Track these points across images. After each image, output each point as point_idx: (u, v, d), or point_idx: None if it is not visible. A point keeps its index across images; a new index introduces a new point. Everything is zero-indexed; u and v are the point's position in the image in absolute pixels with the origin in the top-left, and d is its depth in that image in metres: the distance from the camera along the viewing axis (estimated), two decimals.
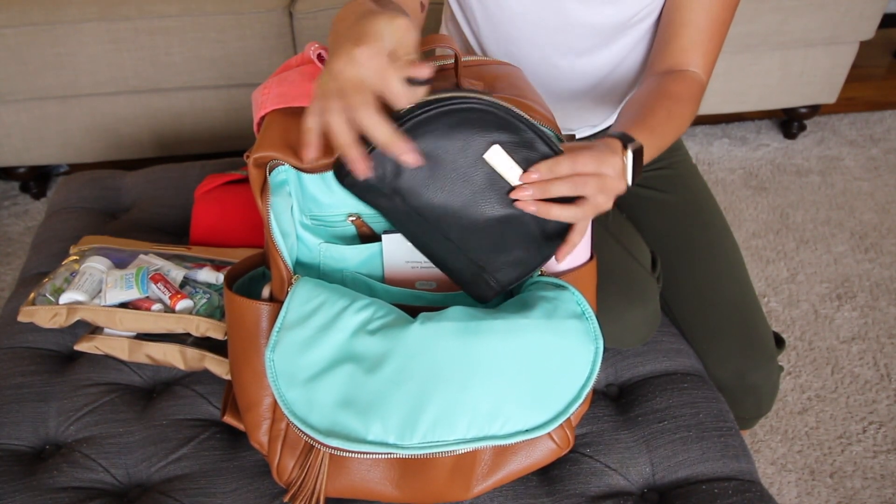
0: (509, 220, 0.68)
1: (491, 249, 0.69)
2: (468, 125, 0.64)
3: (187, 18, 1.65)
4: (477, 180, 0.66)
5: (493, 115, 0.64)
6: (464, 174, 0.65)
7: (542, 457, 0.76)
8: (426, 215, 0.66)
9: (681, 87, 0.87)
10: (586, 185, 0.66)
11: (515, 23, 0.95)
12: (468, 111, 0.63)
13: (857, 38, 1.92)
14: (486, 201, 0.67)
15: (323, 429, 0.65)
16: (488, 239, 0.68)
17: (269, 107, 0.72)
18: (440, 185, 0.65)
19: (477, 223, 0.67)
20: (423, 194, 0.65)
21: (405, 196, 0.65)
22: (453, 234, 0.67)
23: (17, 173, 1.90)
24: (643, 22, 0.95)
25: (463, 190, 0.66)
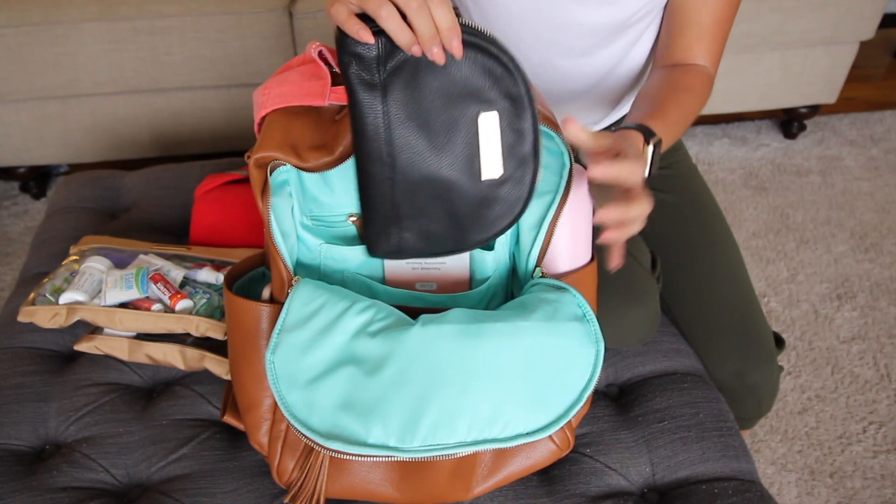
0: (450, 188, 0.64)
1: (416, 204, 0.64)
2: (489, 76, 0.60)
3: (187, 18, 1.65)
4: (458, 130, 0.62)
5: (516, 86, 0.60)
6: (451, 115, 0.61)
7: (543, 458, 0.76)
8: (392, 129, 0.61)
9: (691, 79, 0.89)
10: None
11: (512, 24, 0.95)
12: (500, 63, 0.59)
13: (857, 38, 1.92)
14: (448, 155, 0.62)
15: (323, 431, 0.65)
16: (422, 192, 0.64)
17: (270, 107, 0.72)
18: (424, 108, 0.60)
19: (425, 170, 0.63)
20: (405, 104, 0.60)
21: (388, 94, 0.60)
22: (399, 164, 0.62)
23: (17, 173, 1.90)
24: (642, 21, 0.95)
25: (438, 130, 0.61)
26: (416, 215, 0.65)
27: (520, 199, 0.67)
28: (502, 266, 0.79)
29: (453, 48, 0.58)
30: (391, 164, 0.62)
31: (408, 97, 0.60)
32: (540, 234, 0.73)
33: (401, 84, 0.60)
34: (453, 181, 0.64)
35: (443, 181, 0.63)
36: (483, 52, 0.59)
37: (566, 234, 0.74)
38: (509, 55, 0.60)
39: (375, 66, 0.59)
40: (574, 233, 0.75)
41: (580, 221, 0.75)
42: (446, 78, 0.60)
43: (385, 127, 0.61)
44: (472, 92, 0.60)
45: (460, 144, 0.62)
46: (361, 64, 0.59)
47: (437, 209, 0.65)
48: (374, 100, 0.60)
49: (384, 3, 0.56)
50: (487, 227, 0.67)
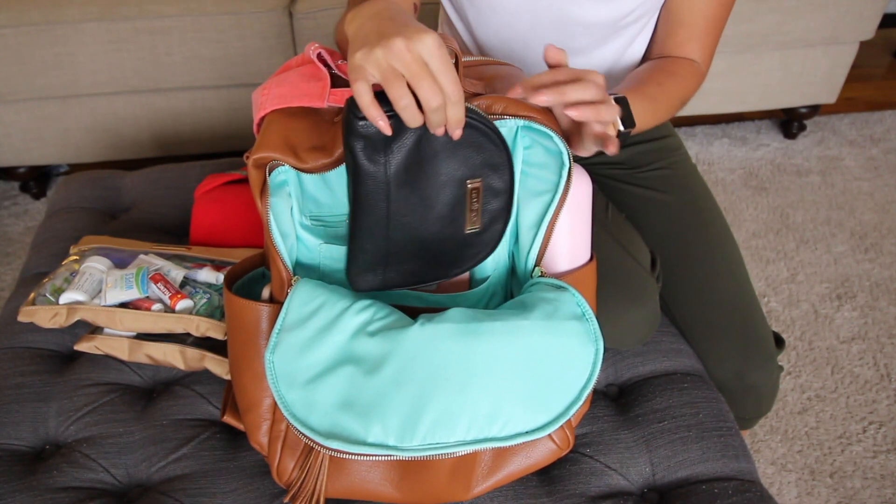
0: (438, 242, 0.69)
1: (407, 254, 0.70)
2: (475, 147, 0.65)
3: (187, 18, 1.65)
4: (446, 192, 0.67)
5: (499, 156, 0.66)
6: (445, 183, 0.66)
7: (542, 457, 0.76)
8: (391, 195, 0.65)
9: (675, 65, 0.90)
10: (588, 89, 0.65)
11: (510, 23, 0.96)
12: (481, 132, 0.65)
13: (857, 38, 1.91)
14: (438, 215, 0.68)
15: (323, 431, 0.65)
16: (411, 247, 0.69)
17: (269, 107, 0.72)
18: (423, 176, 0.65)
19: (418, 228, 0.68)
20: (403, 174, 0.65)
21: (393, 166, 0.64)
22: (394, 224, 0.67)
23: (17, 173, 1.90)
24: (638, 21, 0.95)
25: (432, 192, 0.66)
26: (403, 262, 0.70)
27: (493, 240, 0.72)
28: (501, 265, 0.79)
29: (454, 135, 0.62)
30: (387, 223, 0.67)
31: (407, 165, 0.64)
32: (539, 234, 0.73)
33: (402, 157, 0.64)
34: (440, 235, 0.69)
35: (431, 235, 0.69)
36: (474, 129, 0.64)
37: (565, 234, 0.74)
38: (498, 134, 0.65)
39: (382, 146, 0.63)
40: (573, 232, 0.75)
41: (579, 221, 0.75)
42: (441, 150, 0.65)
43: (385, 193, 0.65)
44: (461, 160, 0.65)
45: (447, 204, 0.67)
46: (369, 143, 0.63)
47: (422, 256, 0.70)
48: (377, 171, 0.64)
49: (405, 93, 0.58)
50: (464, 262, 0.73)
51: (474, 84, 0.72)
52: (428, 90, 0.57)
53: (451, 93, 0.58)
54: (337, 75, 0.74)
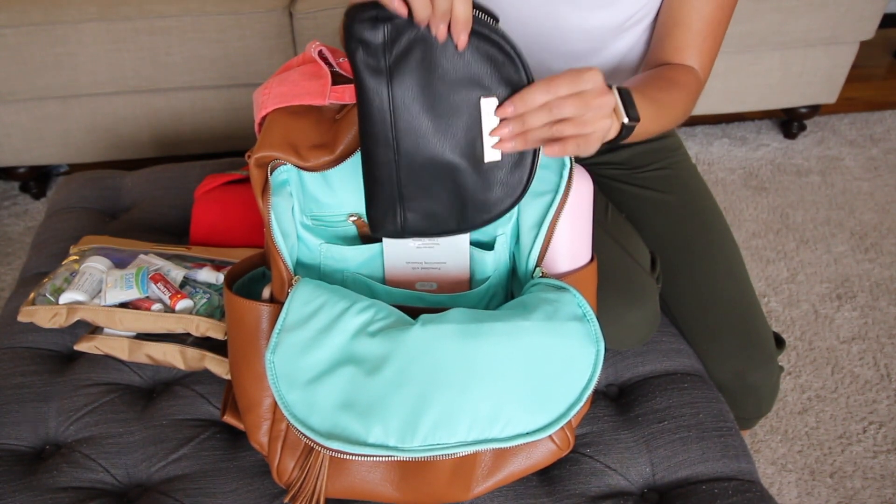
0: (453, 171, 0.65)
1: (420, 185, 0.66)
2: (488, 60, 0.62)
3: (187, 18, 1.65)
4: (460, 114, 0.63)
5: (517, 73, 0.62)
6: (455, 102, 0.63)
7: (543, 458, 0.76)
8: (396, 113, 0.62)
9: (676, 73, 0.87)
10: (564, 107, 0.62)
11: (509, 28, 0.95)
12: (497, 46, 0.61)
13: (857, 38, 1.91)
14: (451, 138, 0.64)
15: (323, 431, 0.65)
16: (426, 174, 0.65)
17: (271, 106, 0.72)
18: (429, 95, 0.62)
19: (429, 153, 0.64)
20: (411, 90, 0.62)
21: (394, 79, 0.61)
22: (403, 147, 0.64)
23: (17, 173, 1.90)
24: (638, 25, 0.95)
25: (442, 113, 0.63)
26: (420, 196, 0.66)
27: (521, 181, 0.67)
28: (502, 266, 0.79)
29: (459, 40, 0.59)
30: (395, 147, 0.63)
31: (412, 82, 0.61)
32: (540, 234, 0.73)
33: (406, 70, 0.61)
34: (455, 164, 0.65)
35: (445, 164, 0.65)
36: (486, 40, 0.60)
37: (566, 234, 0.74)
38: (511, 43, 0.61)
39: (381, 51, 0.60)
40: (574, 232, 0.75)
41: (580, 221, 0.75)
42: (449, 64, 0.61)
43: (390, 111, 0.62)
44: (473, 78, 0.62)
45: (462, 128, 0.63)
46: (368, 50, 0.60)
47: (439, 190, 0.66)
48: (380, 85, 0.61)
49: None
50: (489, 208, 0.68)
51: None
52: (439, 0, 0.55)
53: (459, 13, 0.56)
54: (338, 73, 0.74)
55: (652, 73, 0.86)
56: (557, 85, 0.62)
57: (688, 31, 0.90)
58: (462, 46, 0.60)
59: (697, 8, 0.89)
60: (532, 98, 0.62)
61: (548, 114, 0.62)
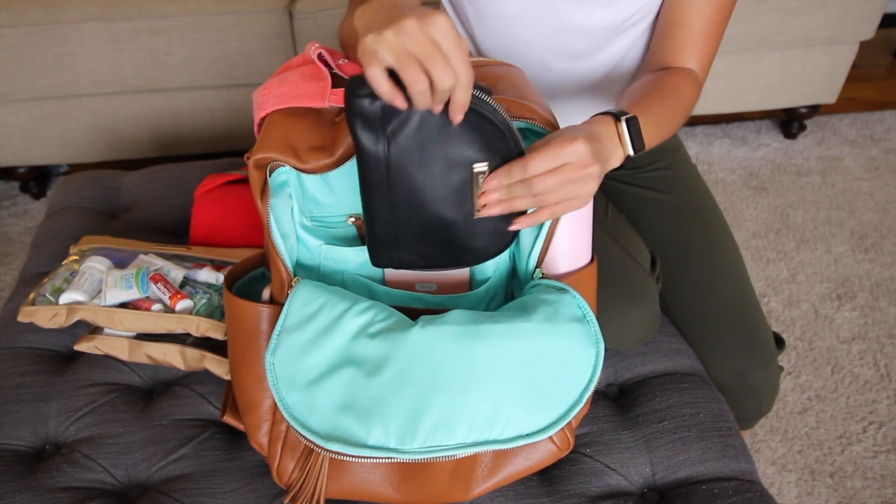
0: (445, 225, 0.69)
1: (416, 234, 0.69)
2: (481, 132, 0.65)
3: (187, 18, 1.65)
4: (453, 179, 0.66)
5: (506, 145, 0.66)
6: (449, 166, 0.66)
7: (543, 458, 0.76)
8: (393, 174, 0.65)
9: (675, 80, 0.87)
10: (543, 183, 0.65)
11: (509, 26, 0.95)
12: (490, 121, 0.64)
13: (857, 38, 1.91)
14: (445, 200, 0.67)
15: (323, 433, 0.65)
16: (419, 226, 0.69)
17: (270, 107, 0.72)
18: (424, 159, 0.65)
19: (422, 210, 0.67)
20: (407, 155, 0.65)
21: (391, 145, 0.64)
22: (398, 203, 0.67)
23: (17, 173, 1.90)
24: (639, 24, 0.95)
25: (437, 177, 0.66)
26: (414, 244, 0.70)
27: (505, 237, 0.71)
28: (502, 267, 0.79)
29: (455, 119, 0.62)
30: (391, 203, 0.67)
31: (409, 146, 0.64)
32: (540, 236, 0.73)
33: (403, 137, 0.64)
34: (448, 219, 0.68)
35: (438, 218, 0.68)
36: (479, 116, 0.64)
37: (566, 236, 0.74)
38: (502, 118, 0.65)
39: (380, 123, 0.63)
40: (574, 234, 0.75)
41: (580, 223, 0.75)
42: (445, 133, 0.64)
43: (386, 172, 0.65)
44: (467, 146, 0.65)
45: (454, 188, 0.67)
46: (367, 122, 0.63)
47: (433, 239, 0.70)
48: (377, 147, 0.64)
49: (422, 79, 0.57)
50: (478, 254, 0.72)
51: None
52: (441, 70, 0.56)
53: (463, 74, 0.57)
54: (338, 75, 0.74)
55: (650, 84, 0.85)
56: (535, 163, 0.64)
57: (688, 32, 0.90)
58: (456, 123, 0.63)
59: (698, 8, 0.89)
60: (512, 173, 0.65)
61: (526, 189, 0.65)
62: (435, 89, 0.58)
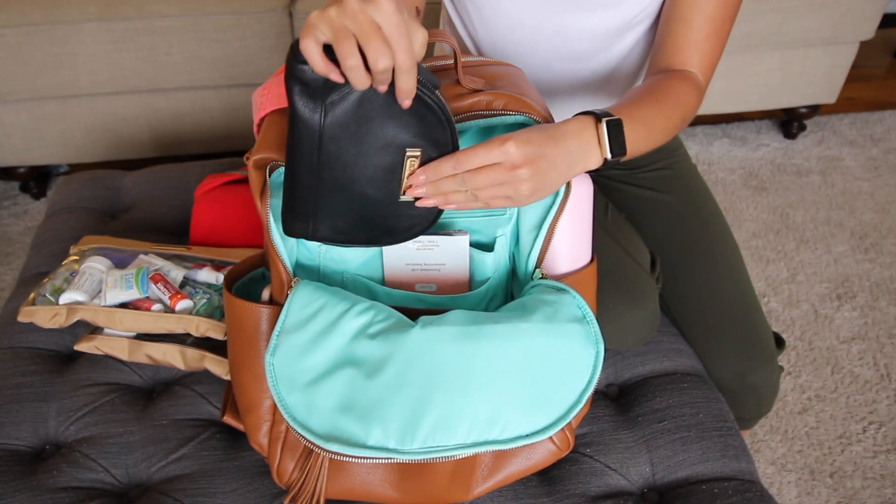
0: (370, 204, 0.68)
1: (336, 208, 0.68)
2: (421, 119, 0.64)
3: (187, 18, 1.65)
4: (384, 159, 0.66)
5: (444, 136, 0.65)
6: (382, 146, 0.65)
7: (543, 459, 0.76)
8: (325, 145, 0.65)
9: (673, 84, 0.85)
10: (474, 180, 0.65)
11: (512, 28, 0.95)
12: (429, 108, 0.63)
13: (857, 38, 1.91)
14: (372, 178, 0.66)
15: (323, 433, 0.65)
16: (345, 200, 0.68)
17: (269, 108, 0.72)
18: (359, 135, 0.64)
19: (348, 184, 0.67)
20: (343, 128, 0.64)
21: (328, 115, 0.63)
22: (323, 174, 0.66)
23: (17, 173, 1.90)
24: (640, 26, 0.95)
25: (369, 154, 0.65)
26: (333, 216, 0.68)
27: (427, 217, 0.70)
28: (502, 267, 0.79)
29: (404, 105, 0.61)
30: (318, 173, 0.66)
31: (345, 119, 0.63)
32: (540, 236, 0.73)
33: (341, 109, 0.63)
34: (371, 196, 0.67)
35: (361, 193, 0.67)
36: (423, 103, 0.63)
37: (566, 236, 0.74)
38: (444, 110, 0.64)
39: (320, 93, 0.62)
40: (574, 234, 0.75)
41: (580, 222, 0.75)
42: (384, 112, 0.64)
43: (318, 141, 0.64)
44: (403, 127, 0.64)
45: (383, 167, 0.66)
46: (306, 89, 0.62)
47: (353, 214, 0.68)
48: (313, 115, 0.63)
49: (352, 54, 0.56)
50: (397, 233, 0.71)
51: (475, 81, 0.72)
52: (375, 49, 0.56)
53: (402, 61, 0.57)
54: None
55: (646, 88, 0.84)
56: (466, 159, 0.65)
57: (689, 29, 0.88)
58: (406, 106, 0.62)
59: (699, 7, 0.87)
60: (441, 169, 0.65)
61: (458, 184, 0.65)
62: (372, 69, 0.57)
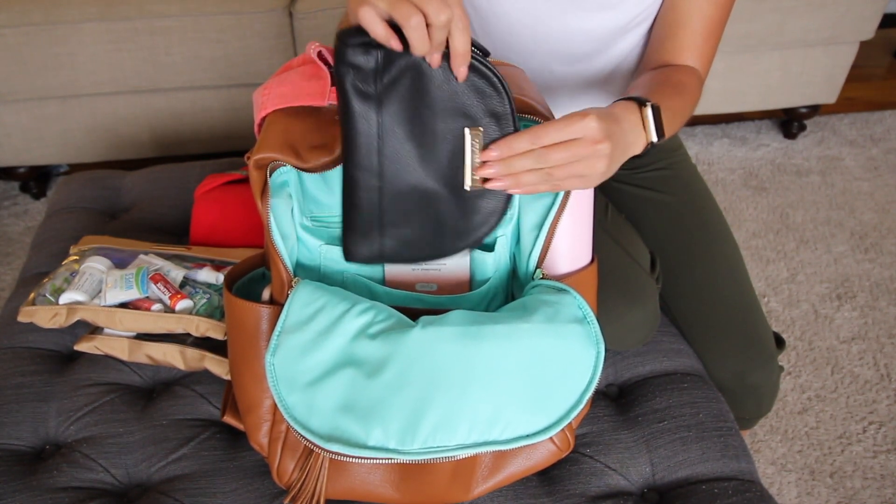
0: (434, 199, 0.65)
1: (401, 212, 0.65)
2: (479, 94, 0.62)
3: (187, 18, 1.65)
4: (444, 143, 0.63)
5: (502, 105, 0.62)
6: (442, 131, 0.62)
7: (543, 459, 0.76)
8: (383, 139, 0.62)
9: (683, 76, 0.86)
10: (550, 156, 0.63)
11: (512, 30, 0.95)
12: (485, 77, 0.61)
13: (857, 38, 1.91)
14: (434, 166, 0.64)
15: (323, 434, 0.65)
16: (408, 201, 0.65)
17: (270, 107, 0.72)
18: (415, 121, 0.62)
19: (412, 180, 0.64)
20: (397, 116, 0.61)
21: (383, 106, 0.61)
22: (388, 174, 0.63)
23: (17, 173, 1.90)
24: (640, 26, 0.95)
25: (427, 141, 0.63)
26: (400, 223, 0.67)
27: (496, 210, 0.68)
28: (503, 267, 0.79)
29: (460, 73, 0.60)
30: (380, 173, 0.63)
31: (400, 109, 0.61)
32: (541, 236, 0.73)
33: (395, 96, 0.61)
34: (437, 192, 0.65)
35: (428, 191, 0.65)
36: (475, 71, 0.61)
37: (567, 236, 0.74)
38: (499, 76, 0.61)
39: (373, 77, 0.60)
40: (575, 234, 0.75)
41: (581, 222, 0.75)
42: (438, 93, 0.61)
43: (377, 137, 0.62)
44: (459, 108, 0.62)
45: (446, 156, 0.63)
46: (359, 75, 0.60)
47: (420, 217, 0.67)
48: (368, 110, 0.61)
49: (414, 12, 0.55)
50: (465, 235, 0.68)
51: None
52: (434, 5, 0.55)
53: (459, 16, 0.56)
54: None
55: (659, 79, 0.84)
56: (544, 133, 0.63)
57: (690, 32, 0.89)
58: (462, 78, 0.60)
59: (699, 8, 0.88)
60: (517, 144, 0.63)
61: (533, 161, 0.63)
62: (431, 25, 0.56)
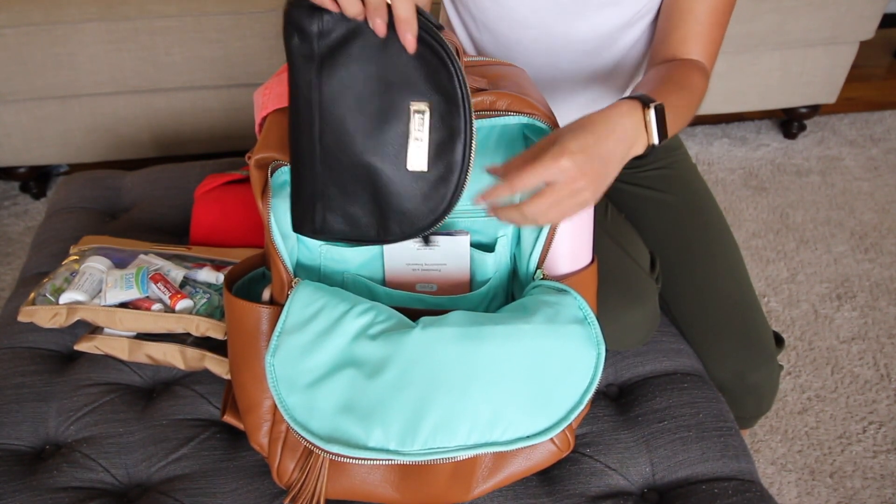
0: (375, 174, 0.62)
1: (340, 185, 0.63)
2: (427, 67, 0.60)
3: (187, 18, 1.65)
4: (389, 116, 0.61)
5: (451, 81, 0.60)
6: (384, 102, 0.60)
7: (543, 459, 0.76)
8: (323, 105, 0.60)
9: (688, 72, 0.85)
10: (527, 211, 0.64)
11: (517, 29, 0.95)
12: (432, 49, 0.59)
13: (857, 38, 1.91)
14: (376, 139, 0.61)
15: (323, 435, 0.65)
16: (347, 174, 0.62)
17: (271, 107, 0.72)
18: (358, 91, 0.60)
19: (352, 152, 0.62)
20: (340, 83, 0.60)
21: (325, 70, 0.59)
22: (326, 142, 0.61)
23: (17, 173, 1.90)
24: (643, 20, 0.95)
25: (370, 112, 0.60)
26: (339, 197, 0.64)
27: (444, 198, 0.64)
28: (503, 268, 0.79)
29: (406, 40, 0.58)
30: (319, 141, 0.61)
31: (344, 76, 0.60)
32: (541, 237, 0.73)
33: (339, 62, 0.59)
34: (378, 168, 0.62)
35: (371, 167, 0.62)
36: (424, 43, 0.59)
37: (567, 237, 0.74)
38: (448, 50, 0.59)
39: (315, 39, 0.59)
40: (575, 235, 0.75)
41: (581, 224, 0.75)
42: (384, 63, 0.60)
43: (317, 102, 0.60)
44: (406, 80, 0.60)
45: (390, 133, 0.61)
46: (302, 37, 0.59)
47: (360, 193, 0.64)
48: (309, 73, 0.60)
49: None
50: (410, 220, 0.65)
51: (478, 81, 0.71)
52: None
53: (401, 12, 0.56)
54: None
55: (665, 76, 0.84)
56: (521, 182, 0.62)
57: (695, 23, 0.88)
58: (411, 49, 0.58)
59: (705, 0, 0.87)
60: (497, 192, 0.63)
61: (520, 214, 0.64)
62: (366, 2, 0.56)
